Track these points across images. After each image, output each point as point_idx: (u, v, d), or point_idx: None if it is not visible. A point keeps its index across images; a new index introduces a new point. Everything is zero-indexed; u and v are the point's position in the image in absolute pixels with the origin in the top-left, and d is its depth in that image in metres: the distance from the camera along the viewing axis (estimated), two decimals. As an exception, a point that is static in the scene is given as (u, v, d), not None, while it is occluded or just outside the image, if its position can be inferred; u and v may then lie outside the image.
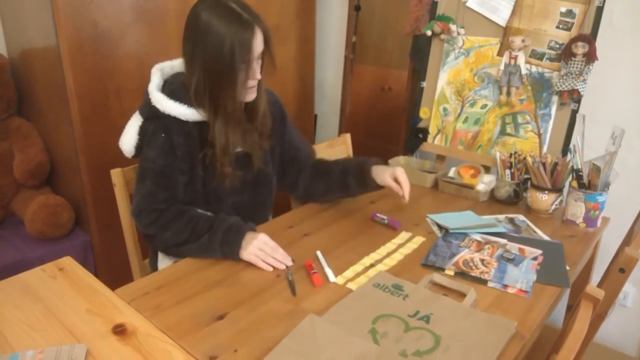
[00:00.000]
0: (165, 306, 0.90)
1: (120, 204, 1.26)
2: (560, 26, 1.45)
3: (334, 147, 1.75)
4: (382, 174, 1.20)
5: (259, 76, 1.06)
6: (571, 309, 1.44)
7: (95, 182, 1.68)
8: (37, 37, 1.69)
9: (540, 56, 1.49)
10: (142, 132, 1.12)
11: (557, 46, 1.46)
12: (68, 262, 1.02)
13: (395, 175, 1.20)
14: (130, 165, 1.25)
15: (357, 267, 1.05)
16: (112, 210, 1.32)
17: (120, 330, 0.81)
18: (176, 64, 1.17)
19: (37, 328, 0.82)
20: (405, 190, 1.19)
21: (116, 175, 1.24)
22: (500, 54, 1.55)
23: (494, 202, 1.47)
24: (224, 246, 1.03)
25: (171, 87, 1.09)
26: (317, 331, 0.81)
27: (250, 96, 1.10)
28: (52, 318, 0.85)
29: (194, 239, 1.05)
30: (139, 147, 1.14)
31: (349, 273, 1.02)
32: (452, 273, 1.04)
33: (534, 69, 1.50)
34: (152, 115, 1.08)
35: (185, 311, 0.88)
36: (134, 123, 1.14)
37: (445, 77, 1.68)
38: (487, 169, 1.57)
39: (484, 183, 1.48)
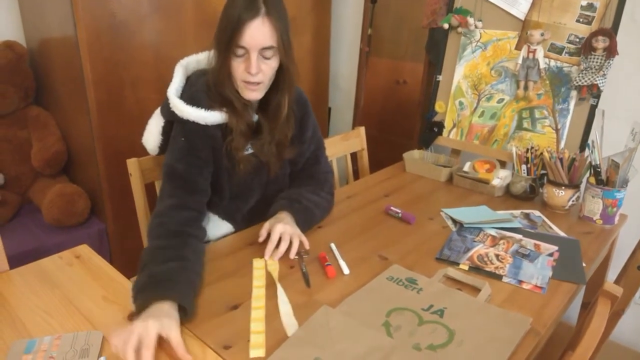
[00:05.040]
0: (180, 295, 0.90)
1: (136, 193, 1.27)
2: (581, 20, 1.42)
3: (348, 139, 1.75)
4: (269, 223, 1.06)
5: (254, 71, 0.96)
6: (586, 307, 1.42)
7: (111, 171, 1.70)
8: (55, 27, 1.70)
9: (559, 50, 1.46)
10: (165, 132, 1.11)
11: (577, 40, 1.43)
12: (85, 249, 1.04)
13: (270, 230, 1.03)
14: (146, 156, 1.26)
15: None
16: (128, 199, 1.33)
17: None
18: (202, 58, 1.12)
19: (54, 314, 0.83)
20: (269, 248, 1.00)
21: (132, 165, 1.25)
22: (518, 47, 1.53)
23: (509, 197, 1.45)
24: (139, 295, 0.82)
25: (191, 90, 1.05)
26: (330, 322, 0.81)
27: (249, 94, 1.02)
28: (68, 305, 0.86)
29: (140, 267, 0.89)
30: (163, 147, 1.13)
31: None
32: (466, 268, 1.03)
33: (552, 63, 1.47)
34: (171, 119, 1.07)
35: (200, 300, 0.89)
36: (157, 122, 1.13)
37: (462, 71, 1.66)
38: (503, 164, 1.56)
39: (500, 178, 1.46)
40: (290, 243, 1.02)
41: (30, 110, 1.91)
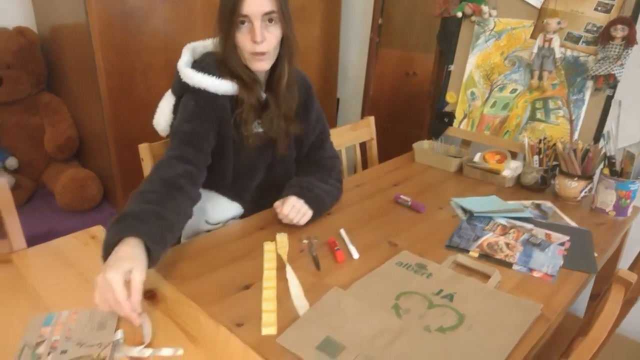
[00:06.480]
0: (191, 276, 0.91)
1: (148, 178, 1.28)
2: (599, 8, 1.40)
3: (357, 130, 1.74)
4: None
5: (259, 38, 0.98)
6: (595, 298, 1.42)
7: (122, 157, 1.72)
8: (67, 14, 1.71)
9: (576, 39, 1.44)
10: (176, 111, 1.12)
11: (595, 29, 1.41)
12: (99, 230, 1.06)
13: (283, 202, 1.09)
14: (158, 141, 1.27)
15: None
16: (139, 184, 1.34)
17: (150, 296, 0.83)
18: (208, 44, 1.15)
19: (70, 291, 0.85)
20: (282, 210, 1.08)
21: (144, 150, 1.26)
22: (533, 36, 1.51)
23: (519, 188, 1.44)
24: (107, 231, 0.81)
25: (201, 64, 1.08)
26: (341, 304, 0.82)
27: (256, 65, 1.03)
28: (85, 282, 0.88)
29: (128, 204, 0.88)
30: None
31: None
32: (476, 255, 1.03)
33: (568, 52, 1.46)
34: (183, 91, 1.09)
35: (212, 281, 0.90)
36: (168, 102, 1.14)
37: (474, 61, 1.65)
38: (514, 156, 1.55)
39: (510, 169, 1.45)
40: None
41: (42, 96, 1.93)
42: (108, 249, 0.77)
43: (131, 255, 0.75)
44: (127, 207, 0.86)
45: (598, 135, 1.41)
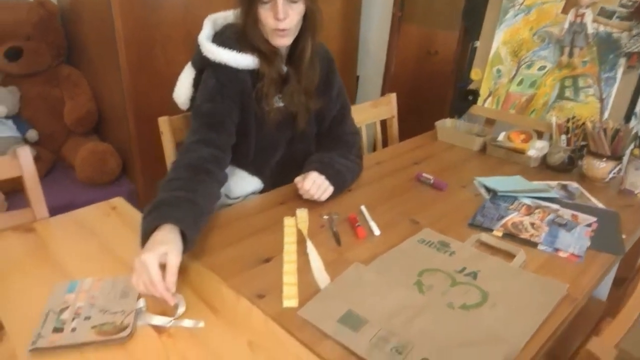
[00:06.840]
0: (212, 249, 0.91)
1: (167, 152, 1.28)
2: (636, -19, 1.33)
3: (377, 107, 1.71)
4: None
5: (281, 16, 0.96)
6: (620, 283, 1.39)
7: (141, 130, 1.72)
8: (87, -16, 1.70)
9: (609, 14, 1.37)
10: (197, 84, 1.11)
11: (630, 4, 1.34)
12: (120, 201, 1.06)
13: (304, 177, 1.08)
14: (178, 114, 1.26)
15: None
16: (158, 158, 1.34)
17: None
18: (229, 15, 1.13)
19: (93, 260, 0.86)
20: (303, 186, 1.06)
21: (163, 123, 1.25)
22: (565, 11, 1.44)
23: (545, 168, 1.40)
24: (143, 220, 0.83)
25: (222, 37, 1.07)
26: (362, 279, 0.81)
27: (278, 41, 1.02)
28: (106, 251, 0.88)
29: (160, 191, 0.89)
30: (194, 99, 1.13)
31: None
32: (500, 234, 1.01)
33: (601, 28, 1.39)
34: (204, 66, 1.07)
35: (233, 254, 0.90)
36: (188, 75, 1.14)
37: (501, 37, 1.59)
38: (540, 135, 1.50)
39: (536, 148, 1.41)
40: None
41: (62, 69, 1.94)
42: (145, 237, 0.79)
43: (167, 239, 0.77)
44: (159, 195, 0.87)
45: (629, 114, 1.36)
